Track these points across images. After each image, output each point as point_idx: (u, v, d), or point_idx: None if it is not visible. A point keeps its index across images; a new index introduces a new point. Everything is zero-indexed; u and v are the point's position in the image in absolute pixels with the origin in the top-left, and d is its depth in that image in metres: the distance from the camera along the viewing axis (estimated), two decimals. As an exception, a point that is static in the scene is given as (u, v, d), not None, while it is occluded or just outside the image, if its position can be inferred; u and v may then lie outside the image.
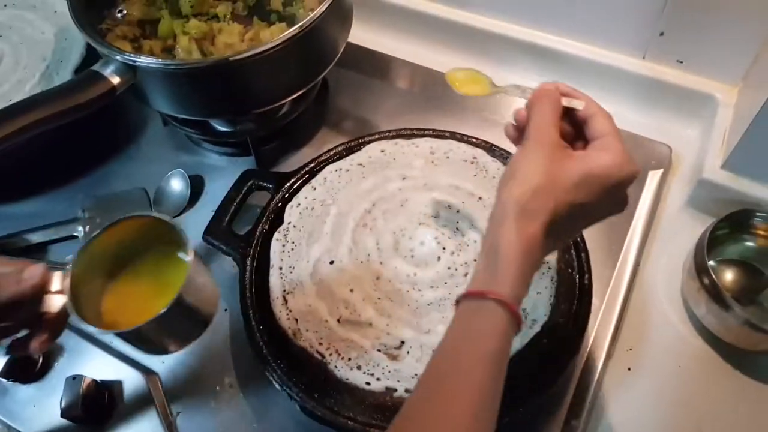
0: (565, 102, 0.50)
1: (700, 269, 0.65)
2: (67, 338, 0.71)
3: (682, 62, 0.80)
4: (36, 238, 0.79)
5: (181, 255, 0.65)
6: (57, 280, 0.50)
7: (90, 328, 0.50)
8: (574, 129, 0.52)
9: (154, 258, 0.65)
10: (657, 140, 0.82)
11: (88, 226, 0.79)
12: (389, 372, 0.61)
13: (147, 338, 0.59)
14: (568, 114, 0.51)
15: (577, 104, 0.50)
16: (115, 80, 0.68)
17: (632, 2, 0.77)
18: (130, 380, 0.69)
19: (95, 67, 0.69)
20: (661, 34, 0.78)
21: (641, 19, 0.78)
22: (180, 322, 0.60)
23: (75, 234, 0.79)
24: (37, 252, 0.79)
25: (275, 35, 0.71)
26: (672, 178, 0.80)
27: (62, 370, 0.70)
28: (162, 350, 0.66)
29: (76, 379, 0.64)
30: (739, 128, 0.69)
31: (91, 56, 0.84)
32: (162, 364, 0.70)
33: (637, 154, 0.79)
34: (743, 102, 0.75)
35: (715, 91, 0.79)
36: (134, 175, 0.86)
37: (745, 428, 0.64)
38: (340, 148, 0.76)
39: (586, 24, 0.83)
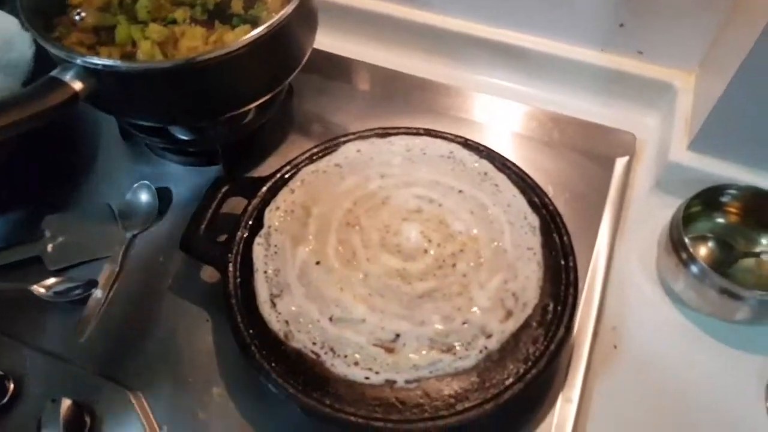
0: None
1: (677, 245, 0.67)
2: (37, 360, 0.67)
3: (641, 53, 0.83)
4: (-3, 260, 0.75)
5: None
6: None
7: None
8: None
9: None
10: (621, 129, 0.84)
11: (50, 246, 0.75)
12: (387, 365, 0.60)
13: None
14: None
15: None
16: (77, 86, 0.64)
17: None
18: (111, 398, 0.64)
19: (54, 74, 0.65)
20: (621, 25, 0.81)
21: (601, 11, 0.81)
22: None
23: (38, 254, 0.74)
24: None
25: (240, 37, 0.69)
26: (637, 164, 0.83)
27: (37, 394, 0.65)
28: None
29: (55, 402, 0.60)
30: (702, 111, 0.72)
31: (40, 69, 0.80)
32: (142, 379, 0.66)
33: (603, 143, 0.82)
34: (703, 86, 0.78)
35: (673, 79, 0.82)
36: (95, 190, 0.82)
37: (731, 397, 0.65)
38: (315, 150, 0.75)
39: (546, 19, 0.86)
